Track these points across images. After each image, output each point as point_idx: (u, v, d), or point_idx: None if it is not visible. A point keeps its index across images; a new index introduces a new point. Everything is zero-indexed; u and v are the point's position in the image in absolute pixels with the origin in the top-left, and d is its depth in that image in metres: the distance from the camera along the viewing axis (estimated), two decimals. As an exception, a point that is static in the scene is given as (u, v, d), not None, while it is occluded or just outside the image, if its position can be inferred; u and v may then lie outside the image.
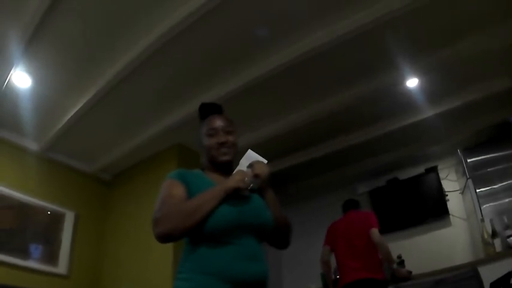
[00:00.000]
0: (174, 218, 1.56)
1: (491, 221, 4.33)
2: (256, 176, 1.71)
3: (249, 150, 1.83)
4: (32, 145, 4.92)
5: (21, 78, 3.90)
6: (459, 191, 5.36)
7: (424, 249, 5.13)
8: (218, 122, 1.85)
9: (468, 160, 4.93)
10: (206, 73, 3.98)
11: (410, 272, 4.25)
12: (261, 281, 1.59)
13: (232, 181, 1.64)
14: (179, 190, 1.67)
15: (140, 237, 4.94)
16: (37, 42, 3.45)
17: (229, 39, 3.61)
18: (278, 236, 1.80)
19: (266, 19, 3.41)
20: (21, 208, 4.63)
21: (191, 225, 1.54)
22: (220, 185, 1.66)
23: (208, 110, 1.95)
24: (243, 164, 1.76)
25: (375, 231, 3.95)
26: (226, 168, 1.82)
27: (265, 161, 1.79)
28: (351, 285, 3.86)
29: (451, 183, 5.48)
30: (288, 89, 4.27)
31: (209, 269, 1.53)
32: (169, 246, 4.46)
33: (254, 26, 3.48)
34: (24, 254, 4.47)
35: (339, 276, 4.20)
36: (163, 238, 1.58)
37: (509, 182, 4.55)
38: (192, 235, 1.61)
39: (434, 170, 5.55)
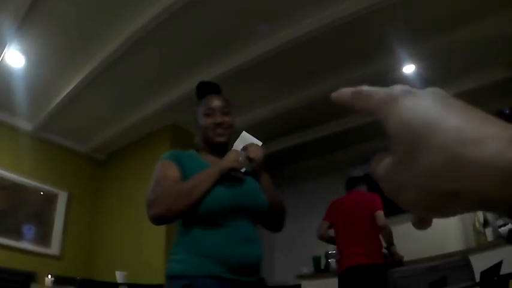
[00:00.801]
0: (168, 199, 1.54)
1: (483, 210, 4.35)
2: (250, 159, 1.69)
3: (244, 132, 1.80)
4: (25, 125, 4.89)
5: (14, 58, 3.85)
6: (452, 179, 5.37)
7: (416, 236, 5.12)
8: (216, 102, 1.80)
9: (462, 148, 4.93)
10: (199, 55, 3.97)
11: (402, 257, 4.27)
12: (255, 264, 1.59)
13: (227, 161, 1.62)
14: (173, 171, 1.64)
15: (133, 217, 4.95)
16: (31, 21, 3.40)
17: (222, 23, 3.58)
18: (272, 218, 1.79)
19: (262, 3, 3.38)
20: (14, 188, 4.62)
21: (185, 207, 1.53)
22: (214, 165, 1.64)
23: (206, 89, 1.90)
24: (238, 146, 1.74)
25: (380, 214, 3.88)
26: (222, 149, 1.78)
27: (260, 143, 1.77)
28: (351, 270, 3.82)
29: (444, 171, 5.49)
30: (282, 72, 4.26)
31: (203, 251, 1.53)
32: (162, 227, 4.47)
33: (247, 11, 3.44)
34: (17, 234, 4.48)
35: (339, 258, 4.10)
36: (158, 220, 1.57)
37: (503, 171, 4.57)
38: (186, 217, 1.60)
39: (428, 156, 5.56)
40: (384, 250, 4.02)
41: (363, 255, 3.82)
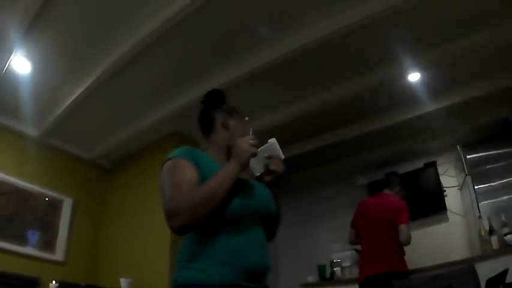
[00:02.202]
0: (193, 208, 1.43)
1: (488, 218, 4.32)
2: (270, 171, 1.71)
3: (273, 139, 1.79)
4: (31, 131, 4.91)
5: (20, 64, 3.87)
6: (457, 187, 5.36)
7: (421, 244, 5.13)
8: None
9: (467, 156, 4.92)
10: (206, 62, 3.97)
11: None
12: (267, 271, 1.57)
13: (243, 152, 1.57)
14: (190, 172, 1.55)
15: (138, 224, 4.95)
16: (37, 27, 3.42)
17: (231, 29, 3.58)
18: (273, 226, 1.79)
19: (268, 9, 3.39)
20: (19, 194, 4.62)
21: (209, 212, 1.45)
22: (229, 163, 1.57)
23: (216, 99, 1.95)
24: (263, 152, 1.71)
25: (403, 229, 3.79)
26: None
27: (283, 157, 1.78)
28: (378, 277, 3.71)
29: (449, 179, 5.48)
30: (289, 80, 4.26)
31: (225, 258, 1.47)
32: (167, 232, 4.48)
33: (256, 16, 3.45)
34: (22, 240, 4.47)
35: (362, 264, 4.04)
36: (183, 231, 1.49)
37: (507, 179, 4.54)
38: (204, 223, 1.50)
39: (433, 165, 5.54)
40: None
41: (389, 262, 3.74)
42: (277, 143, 1.79)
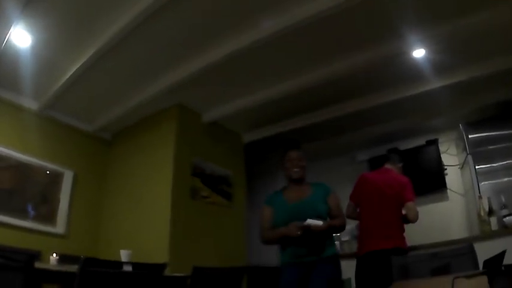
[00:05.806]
0: None
1: (488, 199, 4.32)
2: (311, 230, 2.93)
3: (308, 219, 2.94)
4: (32, 104, 4.89)
5: (20, 37, 3.81)
6: (458, 166, 5.35)
7: (420, 222, 5.13)
8: (293, 155, 3.36)
9: (470, 136, 4.89)
10: (206, 33, 3.90)
11: None
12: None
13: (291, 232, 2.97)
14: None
15: (138, 195, 4.97)
16: None
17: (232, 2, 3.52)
18: None
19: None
20: (20, 168, 4.62)
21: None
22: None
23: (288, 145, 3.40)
24: (308, 223, 2.93)
25: (411, 206, 3.75)
26: (298, 181, 3.37)
27: (320, 223, 2.95)
28: (375, 254, 3.69)
29: (450, 158, 5.47)
30: (292, 53, 4.21)
31: None
32: (167, 204, 4.51)
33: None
34: (23, 214, 4.50)
35: (363, 238, 3.97)
36: None
37: (509, 161, 4.53)
38: None
39: (434, 142, 5.53)
40: None
41: (393, 238, 3.74)
42: (311, 220, 2.94)
